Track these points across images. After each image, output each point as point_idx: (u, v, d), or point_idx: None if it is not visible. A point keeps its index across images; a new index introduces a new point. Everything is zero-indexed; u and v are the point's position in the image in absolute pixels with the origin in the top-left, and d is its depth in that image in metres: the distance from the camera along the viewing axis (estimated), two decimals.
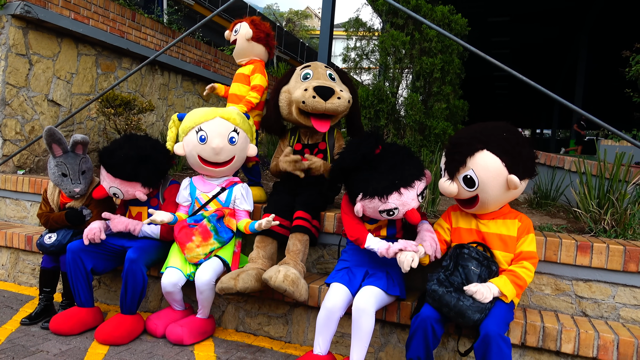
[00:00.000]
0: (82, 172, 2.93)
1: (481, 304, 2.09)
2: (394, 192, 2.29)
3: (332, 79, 3.09)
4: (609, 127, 2.87)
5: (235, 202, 2.91)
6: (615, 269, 2.44)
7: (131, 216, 3.00)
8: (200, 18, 11.79)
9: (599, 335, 2.22)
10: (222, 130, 2.80)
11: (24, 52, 4.39)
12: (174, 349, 2.64)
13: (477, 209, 2.32)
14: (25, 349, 2.53)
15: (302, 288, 2.57)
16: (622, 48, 5.07)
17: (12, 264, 3.73)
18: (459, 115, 5.17)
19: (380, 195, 2.29)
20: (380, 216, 2.38)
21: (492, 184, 2.19)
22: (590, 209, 2.95)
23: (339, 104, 2.89)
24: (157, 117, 6.21)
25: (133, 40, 5.59)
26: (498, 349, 1.98)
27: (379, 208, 2.32)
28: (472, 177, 2.21)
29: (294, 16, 33.83)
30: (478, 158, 2.19)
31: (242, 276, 2.57)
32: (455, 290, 2.14)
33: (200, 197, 2.90)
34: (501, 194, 2.23)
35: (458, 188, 2.27)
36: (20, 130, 4.45)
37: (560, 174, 4.36)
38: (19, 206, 4.12)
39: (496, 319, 2.07)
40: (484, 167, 2.18)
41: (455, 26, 4.89)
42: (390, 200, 2.29)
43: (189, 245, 2.74)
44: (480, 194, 2.24)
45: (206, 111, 2.85)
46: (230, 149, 2.82)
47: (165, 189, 3.03)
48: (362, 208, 2.38)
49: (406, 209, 2.33)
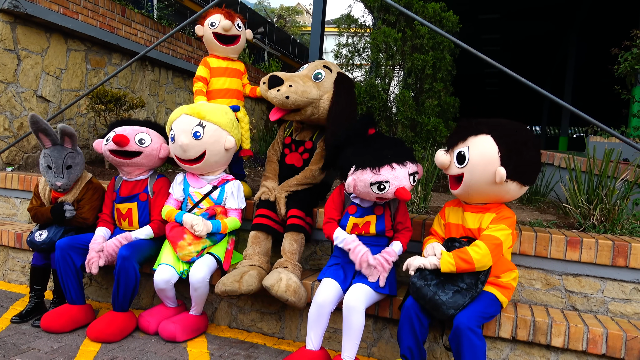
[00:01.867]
0: (67, 166, 2.86)
1: (458, 300, 2.12)
2: (386, 164, 2.33)
3: (317, 78, 2.95)
4: (598, 123, 2.90)
5: (225, 201, 2.91)
6: (604, 263, 2.48)
7: (120, 214, 2.97)
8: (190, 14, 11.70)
9: (589, 329, 2.25)
10: (185, 126, 2.77)
11: (12, 47, 4.33)
12: (166, 346, 2.64)
13: (460, 191, 2.31)
14: (16, 347, 2.51)
15: (302, 297, 2.58)
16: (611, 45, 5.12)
17: (2, 261, 3.69)
18: (450, 111, 5.19)
19: (373, 166, 2.34)
20: (370, 193, 2.37)
21: (480, 168, 2.18)
22: (580, 205, 2.98)
23: (279, 95, 2.79)
24: (148, 113, 6.17)
25: (123, 35, 5.54)
26: (468, 341, 2.02)
27: (370, 179, 2.33)
28: (465, 153, 2.22)
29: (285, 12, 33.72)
30: (479, 139, 2.21)
31: (246, 278, 2.57)
32: (436, 284, 2.17)
33: (193, 194, 2.89)
34: (486, 183, 2.19)
35: (450, 161, 2.29)
36: (8, 127, 4.40)
37: (550, 170, 4.40)
38: (8, 203, 4.07)
39: (470, 311, 2.11)
40: (479, 149, 2.19)
41: (446, 23, 4.90)
42: (382, 172, 2.33)
43: (181, 244, 2.73)
44: (465, 173, 2.23)
45: (176, 110, 2.88)
46: (196, 144, 2.76)
47: (154, 182, 3.00)
48: (353, 182, 2.39)
49: (397, 184, 2.34)
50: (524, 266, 2.61)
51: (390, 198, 2.42)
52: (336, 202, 2.63)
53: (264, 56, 18.34)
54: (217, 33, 3.27)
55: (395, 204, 2.59)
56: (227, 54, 3.36)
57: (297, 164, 3.07)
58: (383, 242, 2.57)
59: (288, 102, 2.81)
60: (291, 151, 3.11)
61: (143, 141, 2.88)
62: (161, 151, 2.94)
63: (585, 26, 13.37)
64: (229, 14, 3.32)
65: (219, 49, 3.33)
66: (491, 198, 2.29)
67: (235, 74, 3.38)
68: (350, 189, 2.43)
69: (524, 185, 2.24)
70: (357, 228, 2.54)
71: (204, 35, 3.33)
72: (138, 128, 2.94)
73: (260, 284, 2.61)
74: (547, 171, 4.24)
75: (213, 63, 3.31)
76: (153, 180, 3.01)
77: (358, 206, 2.55)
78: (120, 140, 2.77)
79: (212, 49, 3.35)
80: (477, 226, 2.30)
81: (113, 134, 2.86)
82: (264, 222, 2.86)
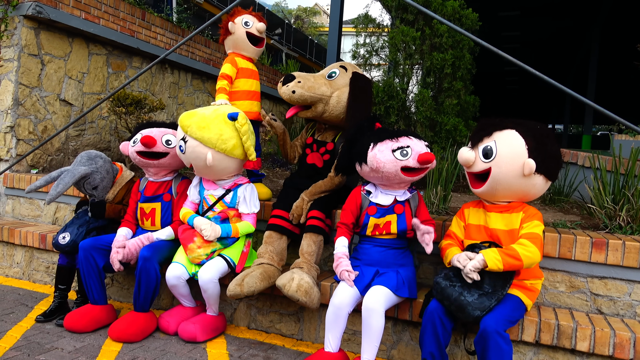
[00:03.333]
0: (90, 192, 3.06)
1: (484, 302, 2.07)
2: (403, 135, 2.46)
3: (330, 77, 3.01)
4: (623, 121, 2.82)
5: (238, 205, 2.89)
6: (631, 266, 2.40)
7: (144, 213, 3.00)
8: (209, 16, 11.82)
9: (615, 333, 2.19)
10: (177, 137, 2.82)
11: (36, 53, 4.43)
12: (186, 346, 2.65)
13: (486, 188, 2.25)
14: (41, 346, 2.56)
15: (314, 297, 2.56)
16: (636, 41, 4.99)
17: (27, 262, 3.77)
18: (470, 111, 5.11)
19: (391, 136, 2.45)
20: (394, 162, 2.38)
21: (508, 160, 2.16)
22: (605, 205, 2.90)
23: (287, 90, 2.92)
24: (168, 115, 6.24)
25: (143, 39, 5.61)
26: (496, 346, 1.97)
27: (391, 147, 2.40)
28: (492, 147, 2.20)
29: (303, 13, 33.78)
30: (505, 133, 2.22)
31: (247, 280, 2.58)
32: (461, 285, 2.13)
33: (207, 197, 2.89)
34: (514, 177, 2.17)
35: (475, 157, 2.26)
36: (33, 130, 4.49)
37: (573, 169, 4.30)
38: (33, 205, 4.16)
39: (497, 315, 2.06)
40: (507, 142, 2.19)
41: (466, 21, 4.83)
42: (401, 140, 2.43)
43: (191, 246, 2.75)
44: (493, 167, 2.19)
45: None
46: (183, 157, 2.79)
47: (178, 183, 3.05)
48: (374, 156, 2.41)
49: (418, 149, 2.40)
50: (548, 268, 2.55)
51: (413, 166, 2.39)
52: (352, 205, 2.60)
53: (282, 57, 18.40)
54: (250, 33, 3.27)
55: (415, 201, 2.56)
56: (255, 54, 3.38)
57: (318, 164, 3.08)
58: (403, 244, 2.55)
59: (295, 96, 2.88)
60: (312, 151, 3.13)
61: (169, 142, 2.93)
62: None
63: (608, 21, 13.04)
64: (260, 17, 3.36)
65: (249, 49, 3.31)
66: (517, 194, 2.25)
67: (258, 77, 3.41)
68: (373, 165, 2.41)
69: (549, 180, 2.24)
70: (378, 228, 2.52)
71: (234, 33, 3.23)
72: (164, 130, 2.99)
73: (265, 282, 2.62)
74: (570, 170, 4.15)
75: (241, 63, 3.26)
76: (177, 181, 3.05)
77: (378, 206, 2.53)
78: (148, 142, 2.82)
79: (242, 48, 3.30)
80: (503, 227, 2.25)
81: (140, 135, 2.90)
82: (278, 222, 2.86)
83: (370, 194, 2.57)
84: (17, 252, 3.81)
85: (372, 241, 2.55)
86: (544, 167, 2.16)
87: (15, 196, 4.26)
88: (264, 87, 8.10)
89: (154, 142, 2.84)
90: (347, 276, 2.40)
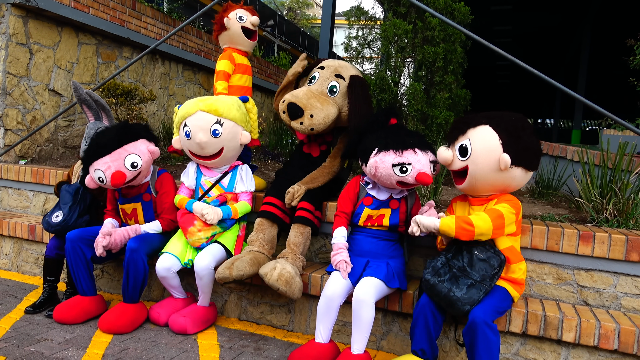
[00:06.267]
0: None
1: (473, 296, 2.10)
2: (409, 148, 2.39)
3: (332, 92, 2.93)
4: (612, 115, 2.86)
5: (236, 186, 2.92)
6: (617, 258, 2.44)
7: (125, 214, 2.99)
8: (200, 6, 11.70)
9: (600, 324, 2.23)
10: (203, 124, 2.74)
11: (24, 42, 4.37)
12: (177, 338, 2.66)
13: (466, 185, 2.31)
14: (30, 337, 2.55)
15: (295, 287, 2.54)
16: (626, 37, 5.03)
17: (16, 253, 3.75)
18: (462, 104, 5.14)
19: (396, 148, 2.38)
20: (392, 175, 2.37)
21: (483, 157, 2.20)
22: (593, 199, 2.94)
23: (304, 128, 2.82)
24: (159, 106, 6.20)
25: (133, 29, 5.55)
26: (484, 336, 2.00)
27: (393, 161, 2.36)
28: (467, 146, 2.24)
29: (295, 5, 33.57)
30: (478, 130, 2.24)
31: (237, 264, 2.59)
32: (449, 279, 2.16)
33: (204, 183, 2.91)
34: (491, 171, 2.21)
35: (453, 155, 2.30)
36: (21, 120, 4.44)
37: (562, 163, 4.35)
38: (22, 196, 4.13)
39: (485, 306, 2.09)
40: (480, 139, 2.22)
41: (458, 14, 4.84)
42: (405, 154, 2.37)
43: (191, 230, 2.76)
44: (470, 165, 2.24)
45: (190, 105, 2.80)
46: (214, 142, 2.76)
47: (155, 180, 2.99)
48: (375, 164, 2.40)
49: (419, 168, 2.36)
50: (535, 260, 2.59)
51: (410, 182, 2.40)
52: (350, 194, 2.62)
53: (274, 49, 18.30)
54: (245, 27, 3.30)
55: (412, 199, 2.58)
56: (250, 48, 3.42)
57: (314, 154, 3.10)
58: (394, 237, 2.57)
59: (314, 132, 2.89)
60: (310, 142, 3.12)
61: (135, 164, 2.73)
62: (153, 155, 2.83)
63: (599, 17, 13.12)
64: (252, 10, 3.38)
65: (245, 43, 3.35)
66: (498, 187, 2.29)
67: (251, 72, 3.42)
68: (371, 171, 2.42)
69: (529, 171, 2.26)
70: (370, 219, 2.54)
71: (229, 29, 3.28)
72: (120, 153, 2.70)
73: (254, 268, 2.62)
74: (559, 164, 4.19)
75: (237, 59, 3.31)
76: (154, 179, 2.99)
77: (374, 198, 2.54)
78: (118, 182, 2.66)
79: (238, 42, 3.34)
80: None
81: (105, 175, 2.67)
82: (270, 209, 2.87)
83: (369, 185, 2.58)
84: (6, 244, 3.78)
85: (364, 231, 2.58)
86: (520, 159, 2.19)
87: (3, 187, 4.21)
88: (256, 79, 8.06)
89: (123, 178, 2.67)
90: (344, 267, 2.42)
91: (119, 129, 2.80)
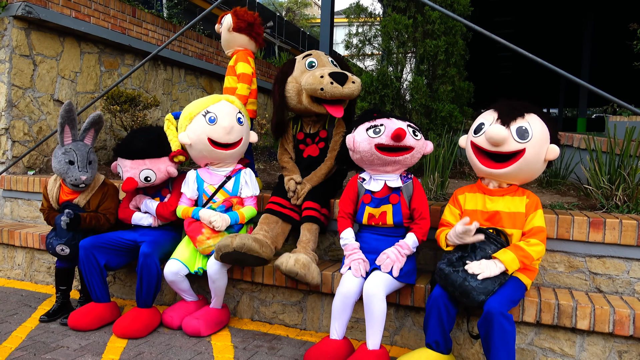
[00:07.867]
0: (89, 161, 2.90)
1: (488, 286, 2.09)
2: (384, 117, 2.49)
3: (335, 66, 3.10)
4: (618, 100, 2.83)
5: (241, 191, 2.93)
6: (629, 244, 2.43)
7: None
8: (200, 11, 11.73)
9: (615, 311, 2.22)
10: (229, 110, 2.86)
11: (27, 53, 4.40)
12: (191, 340, 2.67)
13: (512, 169, 2.22)
14: (46, 345, 2.58)
15: (314, 271, 2.58)
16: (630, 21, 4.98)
17: (28, 263, 3.78)
18: (465, 97, 5.12)
19: (371, 118, 2.50)
20: (368, 142, 2.42)
21: (540, 144, 2.21)
22: (602, 185, 2.93)
23: (354, 88, 2.93)
24: (163, 112, 6.22)
25: (134, 36, 5.58)
26: (500, 326, 1.99)
27: (366, 127, 2.46)
28: (528, 128, 2.21)
29: (294, 5, 33.57)
30: (533, 117, 2.26)
31: (240, 236, 2.60)
32: (464, 269, 2.14)
33: (207, 189, 2.91)
34: (539, 160, 2.25)
35: (509, 136, 2.19)
36: (28, 131, 4.48)
37: (569, 151, 4.32)
38: (31, 206, 4.16)
39: (500, 297, 2.08)
40: (538, 125, 2.23)
41: (457, 7, 4.82)
42: (378, 120, 2.47)
43: (200, 238, 2.76)
44: (528, 148, 2.19)
45: (210, 96, 2.95)
46: (239, 128, 2.86)
47: (175, 179, 3.06)
48: (352, 138, 2.49)
49: (392, 126, 2.40)
50: (547, 249, 2.57)
51: (386, 143, 2.39)
52: (350, 193, 2.62)
53: (275, 50, 18.31)
54: None
55: (408, 190, 2.53)
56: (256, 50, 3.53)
57: (313, 154, 3.12)
58: (400, 233, 2.55)
59: (354, 96, 3.00)
60: (307, 145, 3.14)
61: (149, 179, 2.90)
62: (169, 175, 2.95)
63: (601, 2, 13.01)
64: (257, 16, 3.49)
65: (253, 47, 3.47)
66: (531, 176, 2.33)
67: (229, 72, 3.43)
68: (351, 147, 2.50)
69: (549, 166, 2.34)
70: (373, 219, 2.53)
71: None
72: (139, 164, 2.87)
73: (257, 245, 2.58)
74: (566, 153, 4.16)
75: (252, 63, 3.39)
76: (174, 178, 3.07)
77: (373, 195, 2.54)
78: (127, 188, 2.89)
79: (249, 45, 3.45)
80: (505, 209, 2.28)
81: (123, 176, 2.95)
82: (275, 208, 2.90)
83: (365, 181, 2.59)
84: (18, 254, 3.82)
85: (370, 229, 2.57)
86: None
87: (13, 198, 4.25)
88: (258, 81, 8.07)
89: (133, 185, 2.88)
90: (358, 267, 2.42)
91: (151, 142, 2.90)
